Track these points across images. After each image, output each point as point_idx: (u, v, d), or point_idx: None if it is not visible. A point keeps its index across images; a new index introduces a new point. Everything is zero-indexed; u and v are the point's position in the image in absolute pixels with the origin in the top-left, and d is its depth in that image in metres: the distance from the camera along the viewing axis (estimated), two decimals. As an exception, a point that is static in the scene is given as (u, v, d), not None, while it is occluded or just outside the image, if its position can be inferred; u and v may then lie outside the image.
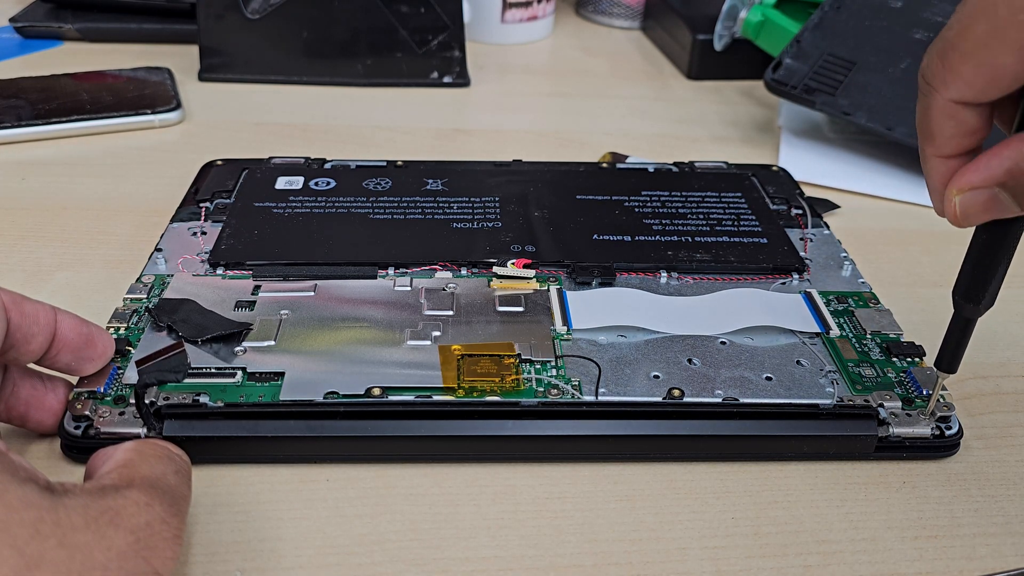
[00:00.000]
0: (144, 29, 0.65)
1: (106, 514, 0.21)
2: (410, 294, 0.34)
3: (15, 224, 0.41)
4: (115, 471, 0.23)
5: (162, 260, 0.36)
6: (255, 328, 0.32)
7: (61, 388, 0.29)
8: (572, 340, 0.32)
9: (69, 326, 0.27)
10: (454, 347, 0.31)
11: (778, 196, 0.43)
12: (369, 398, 0.29)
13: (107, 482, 0.22)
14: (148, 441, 0.25)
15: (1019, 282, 0.40)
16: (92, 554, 0.20)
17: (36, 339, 0.26)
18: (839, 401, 0.30)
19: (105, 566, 0.20)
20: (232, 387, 0.29)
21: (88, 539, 0.20)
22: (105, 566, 0.20)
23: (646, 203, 0.41)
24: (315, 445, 0.28)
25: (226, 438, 0.28)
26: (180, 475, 0.24)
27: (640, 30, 0.74)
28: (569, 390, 0.30)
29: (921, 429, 0.29)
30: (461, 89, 0.61)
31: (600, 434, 0.29)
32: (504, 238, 0.38)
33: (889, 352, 0.32)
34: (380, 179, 0.43)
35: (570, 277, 0.36)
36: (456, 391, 0.29)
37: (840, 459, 0.30)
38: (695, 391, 0.30)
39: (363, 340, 0.32)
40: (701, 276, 0.36)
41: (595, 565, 0.26)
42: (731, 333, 0.33)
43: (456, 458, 0.29)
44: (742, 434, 0.29)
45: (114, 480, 0.23)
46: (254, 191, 0.41)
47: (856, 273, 0.37)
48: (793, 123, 0.55)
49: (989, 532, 0.27)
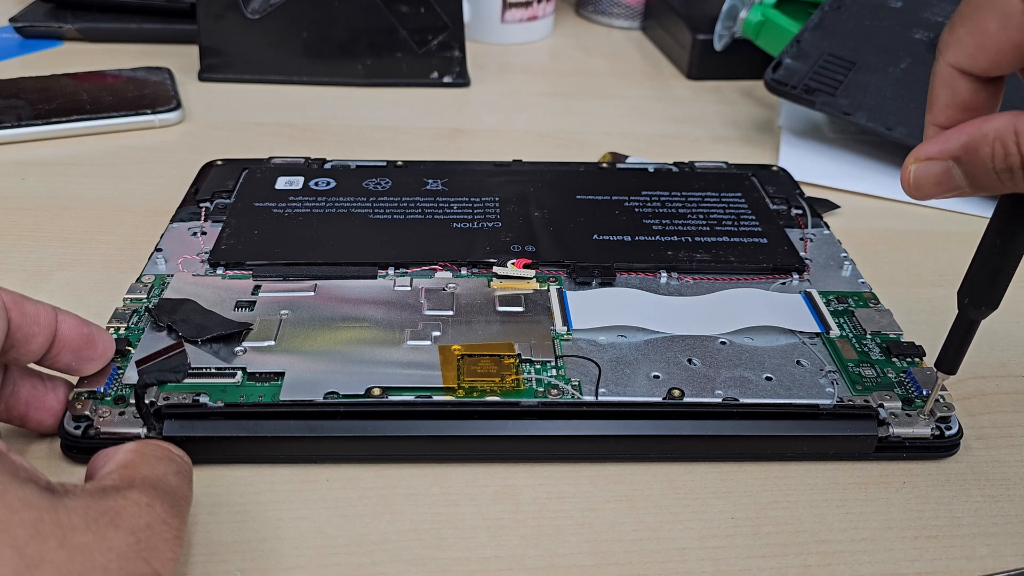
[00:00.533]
0: (144, 29, 0.65)
1: (106, 515, 0.21)
2: (410, 294, 0.34)
3: (15, 224, 0.41)
4: (116, 472, 0.23)
5: (162, 260, 0.36)
6: (255, 328, 0.32)
7: (61, 388, 0.29)
8: (572, 340, 0.32)
9: (70, 326, 0.27)
10: (454, 347, 0.31)
11: (778, 196, 0.43)
12: (369, 398, 0.29)
13: (108, 483, 0.22)
14: (149, 442, 0.25)
15: (1019, 282, 0.40)
16: (92, 555, 0.20)
17: (37, 339, 0.26)
18: (839, 401, 0.30)
19: (105, 567, 0.20)
20: (232, 387, 0.29)
21: (89, 540, 0.20)
22: (105, 567, 0.20)
23: (646, 203, 0.41)
24: (315, 445, 0.28)
25: (226, 438, 0.28)
26: (181, 476, 0.24)
27: (640, 30, 0.74)
28: (569, 390, 0.30)
29: (921, 429, 0.29)
30: (461, 89, 0.61)
31: (600, 434, 0.29)
32: (504, 238, 0.38)
33: (889, 352, 0.32)
34: (380, 179, 0.43)
35: (570, 277, 0.36)
36: (456, 391, 0.29)
37: (840, 459, 0.30)
38: (695, 391, 0.30)
39: (363, 340, 0.32)
40: (701, 276, 0.36)
41: (595, 565, 0.26)
42: (731, 333, 0.33)
43: (456, 458, 0.29)
44: (742, 434, 0.29)
45: (115, 481, 0.23)
46: (254, 191, 0.41)
47: (856, 273, 0.37)
48: (793, 123, 0.55)
49: (989, 532, 0.27)
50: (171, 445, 0.26)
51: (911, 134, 0.47)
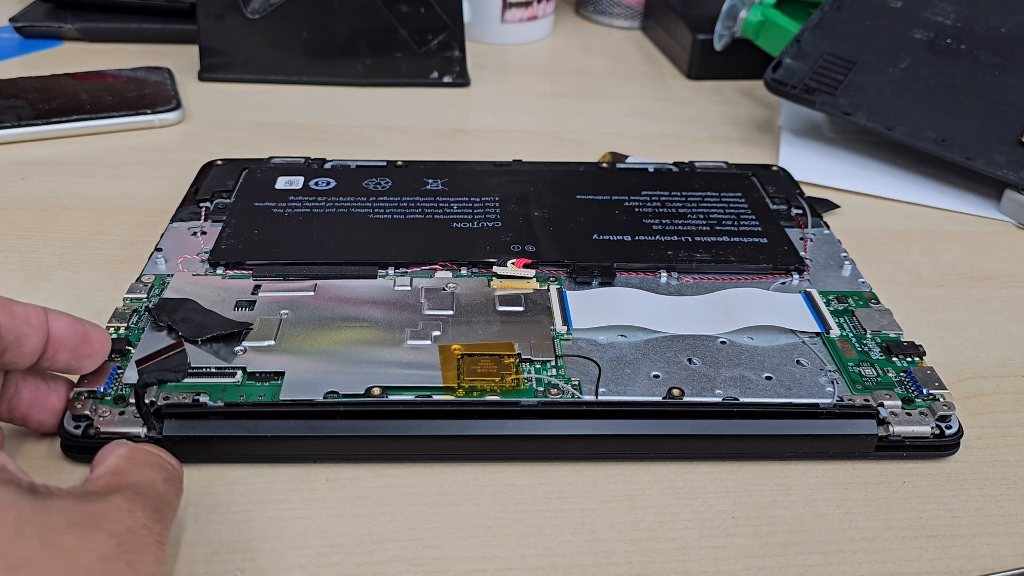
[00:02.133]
0: (144, 29, 0.65)
1: (89, 518, 0.21)
2: (410, 294, 0.34)
3: (15, 224, 0.41)
4: (104, 477, 0.23)
5: (162, 260, 0.36)
6: (255, 328, 0.32)
7: (63, 388, 0.29)
8: (572, 340, 0.32)
9: (63, 324, 0.27)
10: (454, 347, 0.31)
11: (778, 196, 0.43)
12: (369, 398, 0.29)
13: (93, 487, 0.23)
14: (142, 448, 0.25)
15: (1018, 281, 0.40)
16: (75, 556, 0.20)
17: (30, 340, 0.26)
18: (839, 400, 0.30)
19: (88, 568, 0.20)
20: (232, 387, 0.29)
21: (71, 542, 0.20)
22: (88, 568, 0.20)
23: (646, 203, 0.41)
24: (315, 445, 0.28)
25: (226, 438, 0.28)
26: (169, 483, 0.24)
27: (640, 30, 0.74)
28: (569, 390, 0.30)
29: (921, 428, 0.29)
30: (461, 89, 0.61)
31: (600, 434, 0.29)
32: (504, 238, 0.38)
33: (889, 352, 0.32)
34: (380, 179, 0.43)
35: (570, 277, 0.36)
36: (456, 391, 0.29)
37: (840, 458, 0.30)
38: (695, 391, 0.30)
39: (363, 340, 0.32)
40: (701, 276, 0.36)
41: (595, 565, 0.26)
42: (731, 333, 0.33)
43: (456, 458, 0.29)
44: (742, 433, 0.29)
45: (100, 486, 0.23)
46: (254, 191, 0.41)
47: (856, 273, 0.37)
48: (793, 123, 0.55)
49: (989, 532, 0.27)
50: (163, 451, 0.26)
51: (911, 134, 0.47)
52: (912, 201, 0.47)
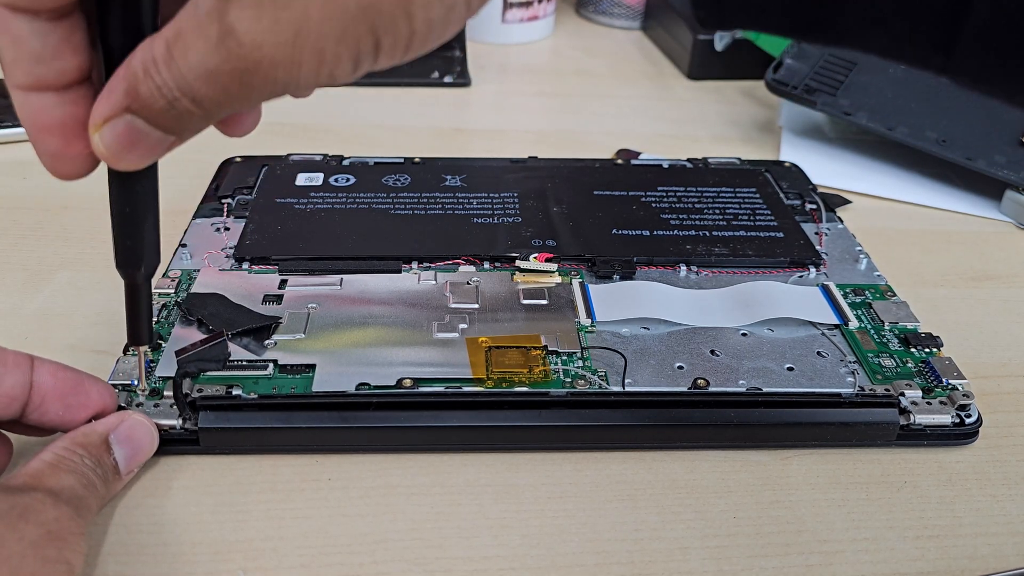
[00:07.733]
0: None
1: (15, 509, 0.22)
2: (435, 288, 0.35)
3: (16, 223, 0.41)
4: (23, 476, 0.24)
5: (187, 255, 0.36)
6: (284, 321, 0.32)
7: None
8: (596, 332, 0.33)
9: (48, 371, 0.26)
10: (481, 339, 0.32)
11: (791, 191, 0.43)
12: (401, 389, 0.29)
13: (12, 483, 0.23)
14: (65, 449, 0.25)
15: (1019, 282, 0.41)
16: (6, 544, 0.21)
17: (3, 380, 0.25)
18: (860, 390, 0.30)
19: (22, 554, 0.21)
20: (264, 379, 0.29)
21: (1, 531, 0.21)
22: (22, 554, 0.21)
23: (662, 198, 0.42)
24: (348, 436, 0.29)
25: (260, 429, 0.28)
26: (89, 488, 0.24)
27: (640, 30, 0.75)
28: (596, 380, 0.30)
29: (942, 417, 0.30)
30: (462, 89, 0.61)
31: (629, 423, 0.29)
32: (525, 233, 0.38)
33: (907, 343, 0.33)
34: (399, 175, 0.43)
35: (591, 271, 0.36)
36: (485, 382, 0.30)
37: (863, 447, 0.30)
38: (719, 381, 0.30)
39: (391, 333, 0.32)
40: (719, 270, 0.37)
41: (597, 564, 0.26)
42: (751, 325, 0.33)
43: (486, 448, 0.29)
44: (769, 422, 0.29)
45: (19, 484, 0.23)
46: (275, 187, 0.41)
47: (872, 266, 0.38)
48: (794, 123, 0.55)
49: (991, 532, 0.27)
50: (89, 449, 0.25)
51: (912, 134, 0.47)
52: (913, 201, 0.48)
